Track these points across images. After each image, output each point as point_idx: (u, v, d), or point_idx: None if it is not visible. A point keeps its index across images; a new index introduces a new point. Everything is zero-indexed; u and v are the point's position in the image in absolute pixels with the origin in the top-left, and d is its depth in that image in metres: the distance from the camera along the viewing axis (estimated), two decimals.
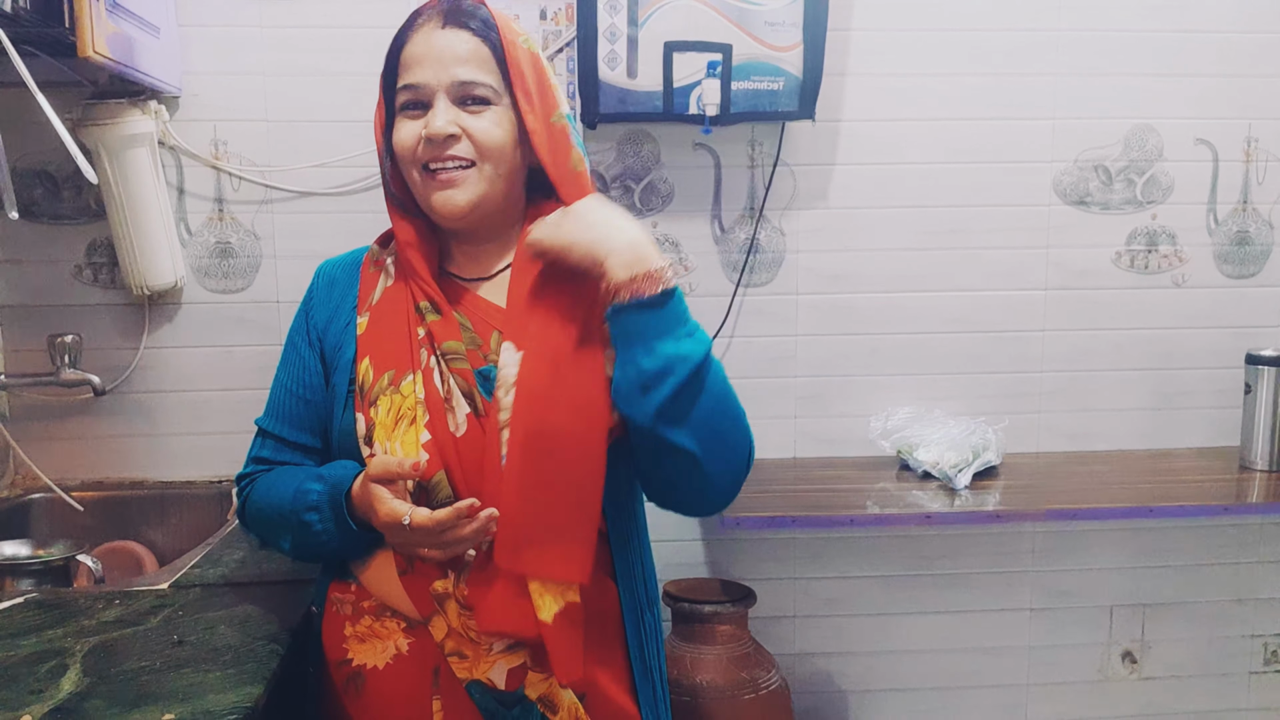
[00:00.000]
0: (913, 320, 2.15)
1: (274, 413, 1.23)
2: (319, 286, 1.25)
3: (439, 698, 1.09)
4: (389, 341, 1.13)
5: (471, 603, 1.06)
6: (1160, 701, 2.29)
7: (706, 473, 1.07)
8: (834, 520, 1.85)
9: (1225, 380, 2.18)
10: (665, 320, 1.03)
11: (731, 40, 1.90)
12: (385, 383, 1.11)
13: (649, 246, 1.04)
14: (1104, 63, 2.11)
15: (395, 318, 1.14)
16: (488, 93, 1.11)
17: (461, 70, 1.10)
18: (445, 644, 1.08)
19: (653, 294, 1.02)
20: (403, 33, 1.14)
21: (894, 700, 2.25)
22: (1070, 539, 2.22)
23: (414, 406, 1.08)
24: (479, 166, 1.11)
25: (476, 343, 1.12)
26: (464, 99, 1.11)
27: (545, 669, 1.08)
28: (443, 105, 1.10)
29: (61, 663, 1.09)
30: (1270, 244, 2.20)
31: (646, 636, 1.19)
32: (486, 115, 1.11)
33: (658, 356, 1.02)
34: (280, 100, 1.96)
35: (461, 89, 1.10)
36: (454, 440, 1.07)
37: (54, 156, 1.91)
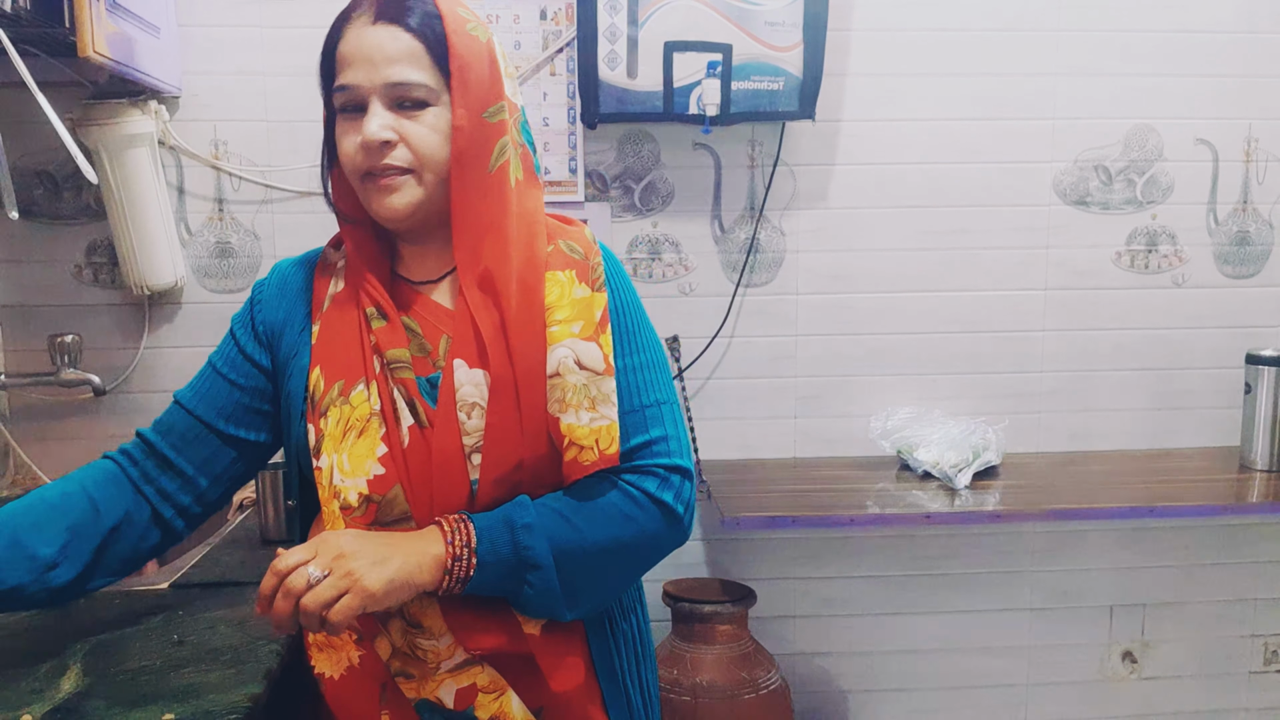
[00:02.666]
0: (913, 320, 2.15)
1: (194, 386, 1.15)
2: (271, 284, 1.17)
3: (386, 712, 1.06)
4: (339, 350, 1.08)
5: (452, 625, 1.03)
6: (1160, 701, 2.29)
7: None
8: (834, 520, 1.85)
9: (1225, 380, 2.18)
10: (496, 576, 1.00)
11: (731, 40, 1.90)
12: (335, 393, 1.06)
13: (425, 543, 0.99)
14: (1104, 63, 2.11)
15: (345, 325, 1.09)
16: (423, 93, 1.03)
17: (394, 70, 1.01)
18: (391, 664, 1.04)
19: (467, 577, 0.99)
20: (336, 27, 1.05)
21: (894, 700, 2.25)
22: (1070, 539, 2.22)
23: (364, 417, 1.04)
24: (417, 173, 1.04)
25: (425, 349, 1.07)
26: (399, 101, 1.03)
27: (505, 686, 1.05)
28: (376, 109, 1.02)
29: (61, 663, 1.09)
30: (1270, 244, 2.20)
31: (619, 648, 1.14)
32: (425, 118, 1.03)
33: (522, 602, 1.02)
34: (280, 100, 1.96)
35: (395, 90, 1.02)
36: (402, 452, 1.03)
37: (54, 156, 1.91)
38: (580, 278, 1.08)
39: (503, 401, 1.02)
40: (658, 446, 1.07)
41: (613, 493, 1.05)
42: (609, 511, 1.04)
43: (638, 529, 1.05)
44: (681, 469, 1.08)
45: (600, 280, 1.09)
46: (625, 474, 1.05)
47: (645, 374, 1.10)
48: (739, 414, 2.14)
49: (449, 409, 1.03)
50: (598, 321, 1.06)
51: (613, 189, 2.06)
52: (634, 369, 1.09)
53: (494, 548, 0.99)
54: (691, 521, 1.10)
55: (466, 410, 1.03)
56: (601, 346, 1.05)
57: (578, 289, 1.07)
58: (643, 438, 1.07)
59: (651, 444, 1.07)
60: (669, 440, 1.08)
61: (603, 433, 1.03)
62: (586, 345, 1.05)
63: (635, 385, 1.08)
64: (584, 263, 1.09)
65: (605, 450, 1.03)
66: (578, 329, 1.05)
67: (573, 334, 1.05)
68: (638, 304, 1.14)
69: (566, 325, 1.05)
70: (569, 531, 1.02)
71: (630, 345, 1.10)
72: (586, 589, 1.04)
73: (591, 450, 1.03)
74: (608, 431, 1.03)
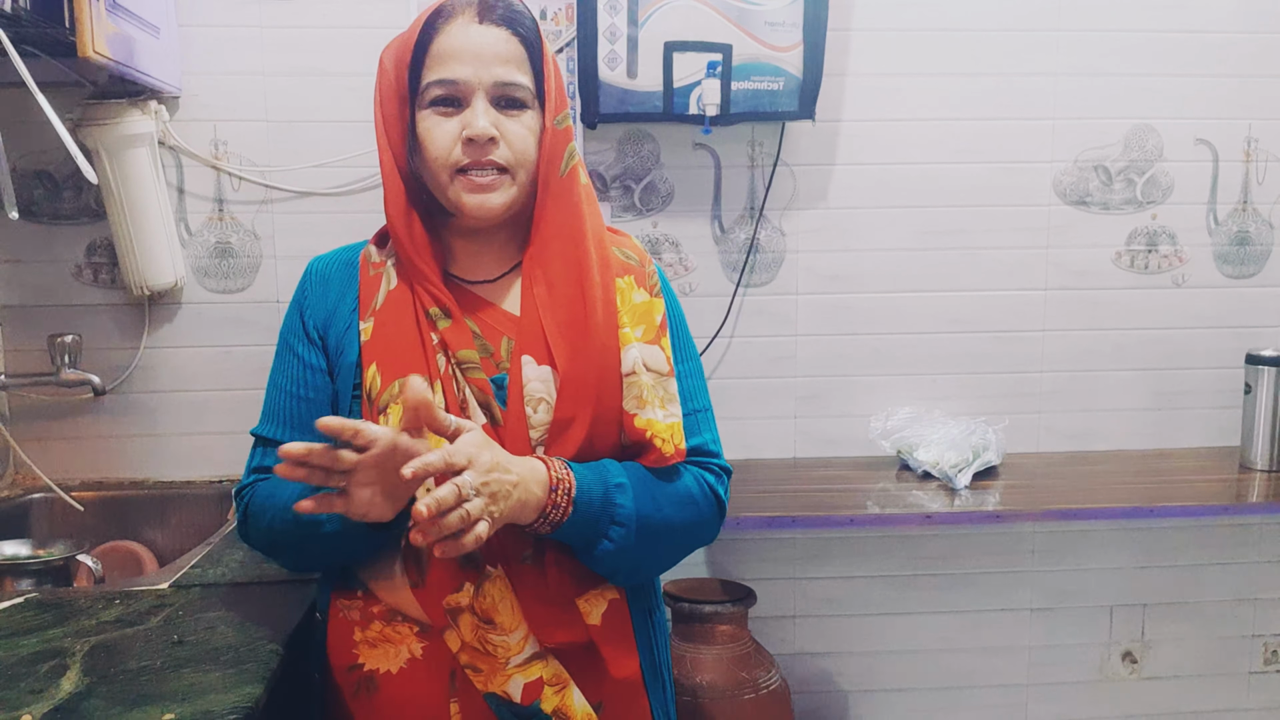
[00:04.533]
0: (913, 320, 2.15)
1: (272, 417, 1.16)
2: (312, 285, 1.19)
3: (456, 700, 1.08)
4: (398, 348, 1.09)
5: (528, 617, 1.07)
6: (1160, 701, 2.29)
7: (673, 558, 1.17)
8: (834, 520, 1.85)
9: (1225, 380, 2.18)
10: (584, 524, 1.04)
11: (731, 40, 1.90)
12: (395, 390, 1.06)
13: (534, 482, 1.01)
14: (1104, 63, 2.11)
15: (403, 324, 1.10)
16: (525, 95, 1.08)
17: (502, 70, 1.07)
18: (460, 656, 1.07)
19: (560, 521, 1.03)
20: (432, 22, 1.08)
21: (894, 700, 2.25)
22: (1070, 539, 2.22)
23: None
24: (512, 172, 1.08)
25: (488, 350, 1.10)
26: (500, 100, 1.07)
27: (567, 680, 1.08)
28: (481, 105, 1.06)
29: (61, 663, 1.09)
30: (1270, 244, 2.20)
31: (656, 638, 1.18)
32: (522, 119, 1.08)
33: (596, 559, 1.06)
34: (280, 100, 1.96)
35: (500, 90, 1.07)
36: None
37: (54, 156, 1.91)
38: (639, 283, 1.14)
39: (572, 397, 1.07)
40: (710, 447, 1.18)
41: (687, 477, 1.12)
42: (682, 493, 1.11)
43: (698, 515, 1.12)
44: (728, 469, 1.19)
45: (657, 286, 1.16)
46: (693, 465, 1.14)
47: (693, 381, 1.18)
48: (739, 414, 2.14)
49: (518, 405, 1.07)
50: (658, 326, 1.13)
51: (612, 189, 2.06)
52: (686, 375, 1.17)
53: (589, 497, 1.04)
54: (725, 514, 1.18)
55: (533, 405, 1.08)
56: (664, 349, 1.12)
57: (637, 294, 1.14)
58: (698, 439, 1.16)
59: (704, 445, 1.17)
60: (715, 442, 1.19)
61: (675, 428, 1.11)
62: (650, 349, 1.11)
63: (687, 390, 1.16)
64: (640, 269, 1.16)
65: (679, 445, 1.11)
66: (640, 333, 1.11)
67: (636, 338, 1.11)
68: (682, 314, 1.21)
69: (631, 330, 1.11)
70: (650, 500, 1.07)
71: (681, 353, 1.18)
72: (648, 559, 1.11)
73: (669, 443, 1.10)
74: (679, 428, 1.11)
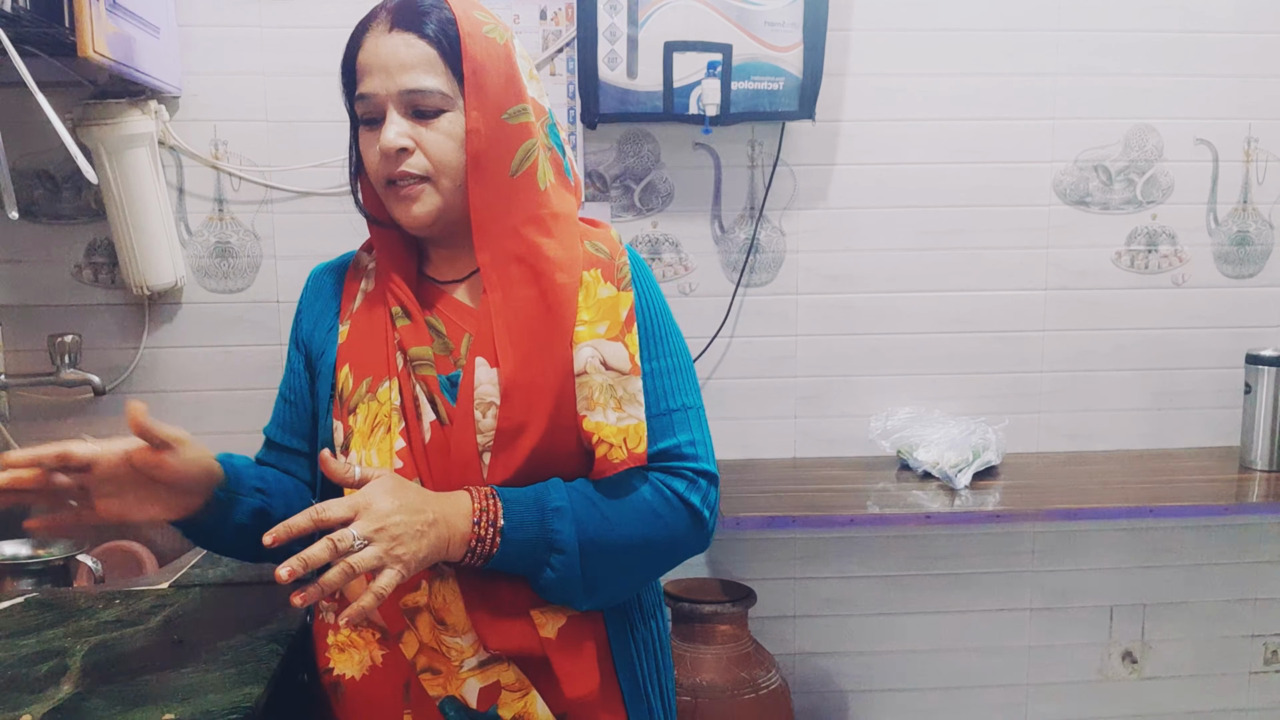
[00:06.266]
0: (913, 320, 2.15)
1: (274, 419, 1.21)
2: (308, 292, 1.22)
3: (409, 712, 1.06)
4: (367, 348, 1.10)
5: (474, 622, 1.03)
6: (1160, 701, 2.29)
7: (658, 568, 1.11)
8: (834, 520, 1.85)
9: (1225, 380, 2.18)
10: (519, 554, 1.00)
11: (731, 40, 1.90)
12: (364, 390, 1.08)
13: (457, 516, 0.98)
14: (1104, 63, 2.11)
15: (373, 324, 1.11)
16: (437, 100, 1.03)
17: (408, 78, 1.02)
18: (417, 660, 1.05)
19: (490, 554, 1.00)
20: (355, 36, 1.08)
21: (894, 700, 2.25)
22: (1070, 539, 2.22)
23: (389, 414, 1.06)
24: (434, 180, 1.05)
25: (448, 347, 1.09)
26: (415, 108, 1.04)
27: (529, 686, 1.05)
28: (393, 117, 1.03)
29: (61, 663, 1.09)
30: (1270, 244, 2.20)
31: (640, 652, 1.14)
32: (440, 124, 1.04)
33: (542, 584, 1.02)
34: (280, 100, 1.96)
35: (410, 98, 1.03)
36: (424, 447, 1.05)
37: (54, 156, 1.91)
38: (606, 277, 1.08)
39: (519, 404, 1.03)
40: (686, 450, 1.08)
41: (644, 488, 1.05)
42: (639, 506, 1.04)
43: (664, 527, 1.05)
44: (708, 473, 1.09)
45: (626, 280, 1.09)
46: (656, 471, 1.06)
47: (672, 378, 1.10)
48: (739, 414, 2.14)
49: (467, 407, 1.04)
50: (623, 321, 1.07)
51: (613, 189, 2.06)
52: (661, 373, 1.09)
53: (521, 525, 1.00)
54: (714, 527, 1.09)
55: (483, 409, 1.04)
56: (628, 346, 1.06)
57: (603, 288, 1.08)
58: (670, 442, 1.07)
59: (679, 447, 1.08)
60: (696, 444, 1.09)
61: (630, 431, 1.04)
62: (612, 345, 1.05)
63: (662, 389, 1.09)
64: (609, 262, 1.10)
65: (634, 449, 1.03)
66: (603, 329, 1.05)
67: (598, 334, 1.05)
68: (664, 307, 1.13)
69: (591, 326, 1.05)
70: (598, 520, 1.02)
71: (657, 349, 1.10)
72: (607, 581, 1.04)
73: (620, 449, 1.03)
74: (635, 430, 1.04)
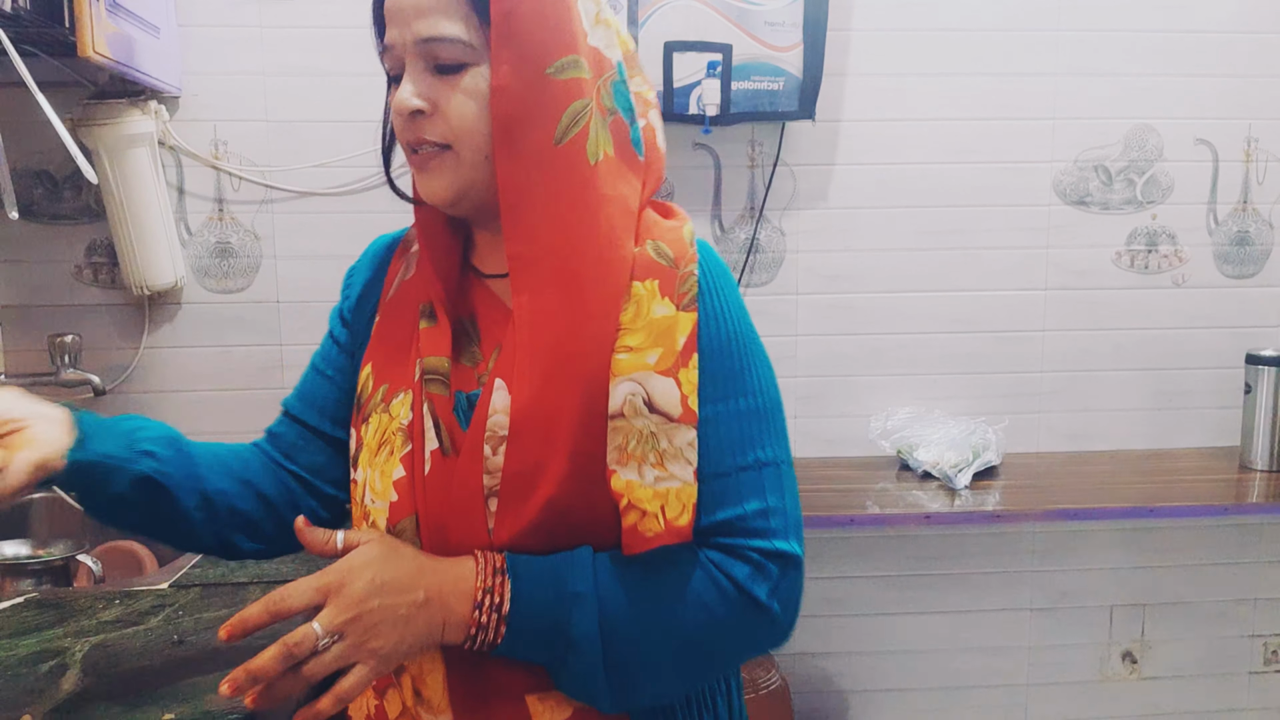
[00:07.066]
0: (913, 320, 2.15)
1: (297, 389, 1.04)
2: (361, 263, 1.03)
3: None
4: (391, 349, 0.93)
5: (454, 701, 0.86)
6: (1160, 701, 2.29)
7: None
8: (834, 520, 1.85)
9: (1225, 380, 2.18)
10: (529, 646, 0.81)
11: (731, 40, 1.90)
12: (379, 398, 0.91)
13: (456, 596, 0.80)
14: (1104, 63, 2.11)
15: (402, 320, 0.93)
16: (458, 51, 0.83)
17: (424, 25, 0.82)
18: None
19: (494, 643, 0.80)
20: None
21: (894, 700, 2.25)
22: (1070, 539, 2.22)
23: (396, 432, 0.88)
24: (456, 148, 0.85)
25: (476, 358, 0.89)
26: (435, 62, 0.84)
27: None
28: (411, 72, 0.84)
29: (61, 663, 1.09)
30: (1270, 244, 2.20)
31: None
32: (463, 81, 0.83)
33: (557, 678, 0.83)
34: (280, 100, 1.96)
35: (425, 49, 0.83)
36: (423, 480, 0.86)
37: (54, 156, 1.91)
38: (664, 290, 0.84)
39: (524, 440, 0.81)
40: (754, 523, 0.83)
41: (695, 572, 0.82)
42: (685, 595, 0.81)
43: (718, 625, 0.82)
44: (784, 555, 0.84)
45: (691, 296, 0.84)
46: (713, 550, 0.83)
47: (747, 424, 0.84)
48: None
49: (476, 438, 0.83)
50: (680, 350, 0.82)
51: None
52: (731, 417, 0.84)
53: (532, 613, 0.80)
54: (793, 621, 0.87)
55: (494, 444, 0.83)
56: (681, 384, 0.81)
57: (659, 305, 0.83)
58: (733, 511, 0.83)
59: (744, 519, 0.83)
60: (770, 515, 0.84)
61: (671, 497, 0.80)
62: (662, 381, 0.81)
63: (730, 439, 0.83)
64: (671, 271, 0.84)
65: (674, 521, 0.80)
66: (654, 359, 0.81)
67: (647, 365, 0.81)
68: (746, 331, 0.87)
69: (640, 354, 0.81)
70: (628, 609, 0.81)
71: (728, 386, 0.84)
72: (640, 682, 0.82)
73: (656, 519, 0.80)
74: (678, 496, 0.80)
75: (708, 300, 0.85)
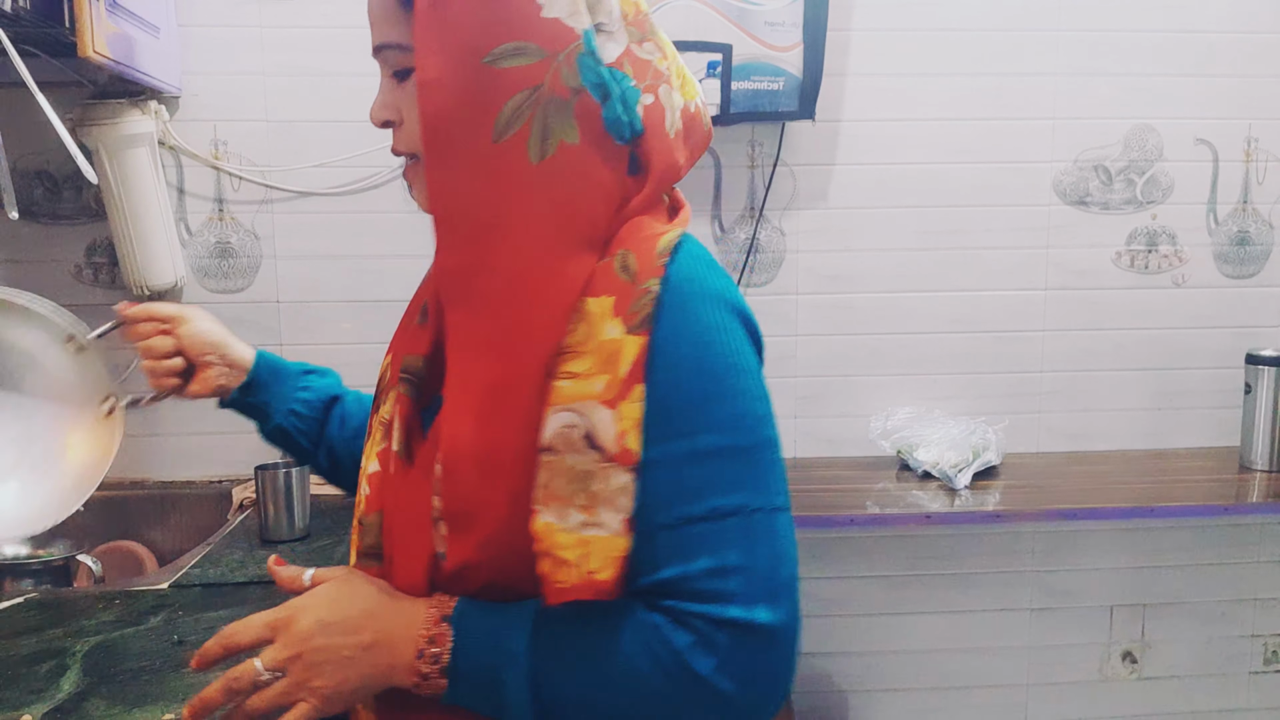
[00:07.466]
0: (913, 320, 2.15)
1: None
2: None
3: None
4: (401, 340, 0.91)
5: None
6: (1160, 701, 2.29)
7: None
8: (834, 520, 1.85)
9: (1225, 380, 2.18)
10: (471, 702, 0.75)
11: (731, 40, 1.90)
12: (383, 386, 0.90)
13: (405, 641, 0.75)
14: (1104, 63, 2.11)
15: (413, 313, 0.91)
16: (404, 57, 0.78)
17: (375, 32, 0.79)
18: None
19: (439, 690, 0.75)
20: None
21: (894, 700, 2.25)
22: (1070, 539, 2.22)
23: (379, 425, 0.87)
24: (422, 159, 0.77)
25: None
26: (393, 70, 0.80)
27: None
28: (381, 83, 0.81)
29: (61, 663, 1.09)
30: (1270, 244, 2.20)
31: None
32: (409, 85, 0.79)
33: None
34: (280, 100, 1.96)
35: (381, 58, 0.80)
36: (390, 478, 0.83)
37: (54, 156, 1.91)
38: (617, 309, 0.72)
39: (456, 480, 0.74)
40: (701, 584, 0.71)
41: (634, 637, 0.72)
42: (620, 663, 0.71)
43: (655, 697, 0.71)
44: (738, 624, 0.70)
45: (643, 317, 0.71)
46: (659, 614, 0.72)
47: (707, 467, 0.71)
48: None
49: (429, 455, 0.78)
50: (623, 378, 0.70)
51: None
52: (684, 459, 0.71)
53: (469, 668, 0.74)
54: (763, 701, 0.73)
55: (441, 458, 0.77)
56: (620, 418, 0.70)
57: (610, 326, 0.71)
58: (677, 570, 0.71)
59: (689, 579, 0.71)
60: (727, 574, 0.71)
61: (595, 546, 0.70)
62: (605, 413, 0.70)
63: (683, 485, 0.71)
64: (629, 287, 0.72)
65: (595, 574, 0.70)
66: (600, 387, 0.70)
67: (593, 393, 0.70)
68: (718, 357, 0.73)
69: (586, 381, 0.71)
70: (562, 673, 0.72)
71: (684, 422, 0.71)
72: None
73: (573, 569, 0.70)
74: (603, 547, 0.70)
75: (667, 320, 0.72)
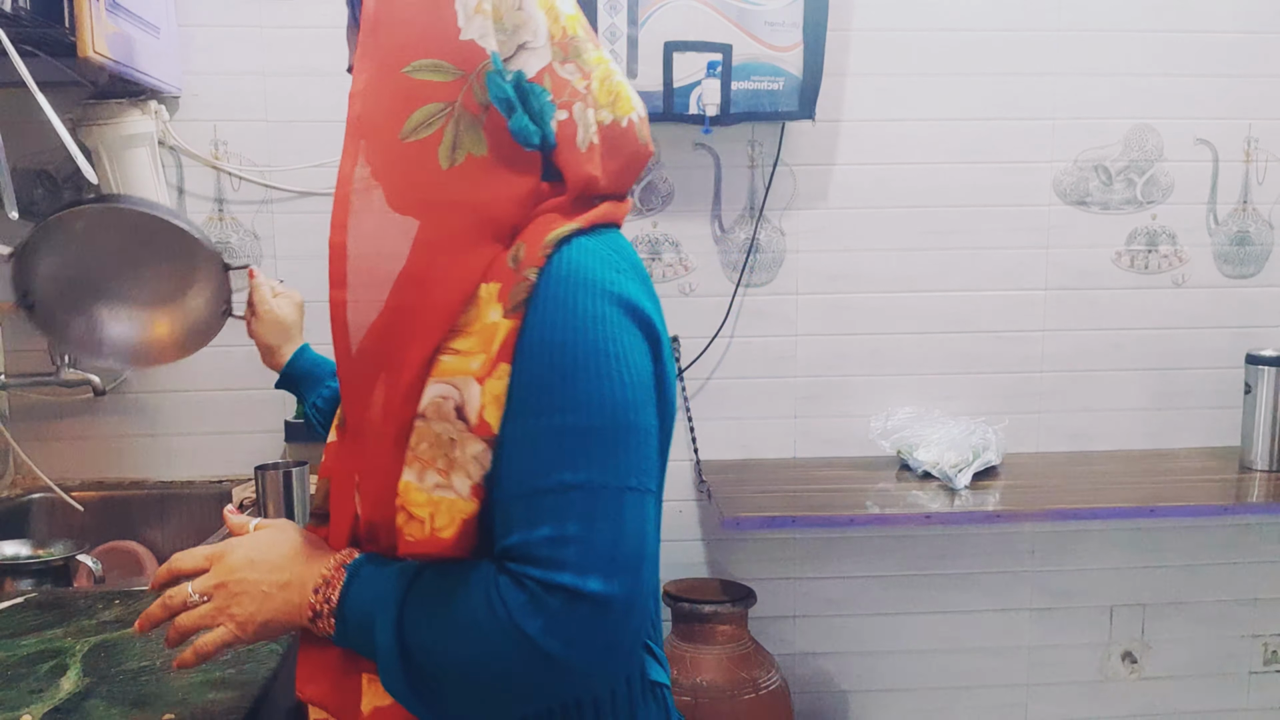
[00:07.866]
0: (913, 320, 2.15)
1: None
2: None
3: None
4: None
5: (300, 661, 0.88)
6: (1160, 701, 2.29)
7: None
8: (834, 520, 1.85)
9: (1225, 380, 2.18)
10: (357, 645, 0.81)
11: (731, 40, 1.90)
12: None
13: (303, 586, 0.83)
14: (1104, 63, 2.11)
15: None
16: None
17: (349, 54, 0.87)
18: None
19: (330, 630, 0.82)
20: None
21: (894, 700, 2.25)
22: (1070, 539, 2.22)
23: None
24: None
25: None
26: None
27: None
28: None
29: (61, 663, 1.09)
30: (1270, 244, 2.20)
31: None
32: None
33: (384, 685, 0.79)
34: (280, 100, 1.96)
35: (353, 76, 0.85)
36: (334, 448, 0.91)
37: (54, 156, 1.91)
38: (500, 295, 0.77)
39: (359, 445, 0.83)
40: (539, 550, 0.72)
41: (479, 592, 0.75)
42: (466, 616, 0.75)
43: (493, 652, 0.73)
44: (569, 589, 0.71)
45: (517, 302, 0.76)
46: (504, 574, 0.74)
47: (559, 442, 0.74)
48: (739, 414, 2.14)
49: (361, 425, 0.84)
50: (494, 357, 0.75)
51: None
52: (539, 434, 0.74)
53: (352, 612, 0.80)
54: (592, 668, 0.73)
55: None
56: (483, 394, 0.75)
57: (492, 310, 0.77)
58: (521, 536, 0.74)
59: (529, 545, 0.73)
60: (565, 543, 0.72)
61: (443, 507, 0.76)
62: (471, 387, 0.76)
63: (535, 459, 0.74)
64: (513, 274, 0.77)
65: (439, 531, 0.76)
66: (476, 365, 0.76)
67: (470, 370, 0.76)
68: (586, 342, 0.75)
69: (466, 358, 0.76)
70: (424, 623, 0.76)
71: (541, 400, 0.75)
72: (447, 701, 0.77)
73: (422, 525, 0.76)
74: (450, 508, 0.75)
75: (540, 307, 0.76)
